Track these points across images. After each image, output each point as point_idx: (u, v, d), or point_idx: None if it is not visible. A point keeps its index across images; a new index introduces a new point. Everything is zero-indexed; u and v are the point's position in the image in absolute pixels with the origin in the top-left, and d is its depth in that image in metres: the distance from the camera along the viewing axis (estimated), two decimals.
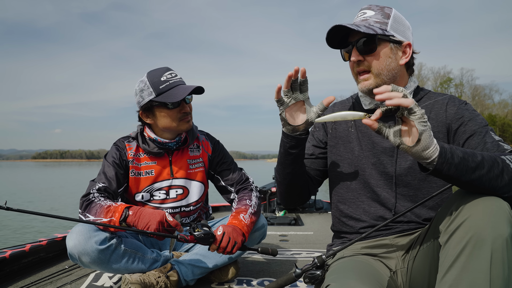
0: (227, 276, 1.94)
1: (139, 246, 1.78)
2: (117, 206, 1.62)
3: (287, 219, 4.28)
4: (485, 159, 1.02)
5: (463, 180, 1.02)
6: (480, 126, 1.26)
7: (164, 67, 1.88)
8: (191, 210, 2.02)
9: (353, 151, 1.44)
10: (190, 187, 2.00)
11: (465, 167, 1.00)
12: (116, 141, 1.96)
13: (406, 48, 1.34)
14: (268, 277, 2.06)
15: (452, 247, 0.99)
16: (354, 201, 1.42)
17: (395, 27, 1.32)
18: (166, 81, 1.81)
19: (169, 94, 1.79)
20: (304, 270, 1.30)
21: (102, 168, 1.87)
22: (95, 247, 1.59)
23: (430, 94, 1.43)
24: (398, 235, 1.35)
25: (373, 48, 1.30)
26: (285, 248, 2.84)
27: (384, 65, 1.31)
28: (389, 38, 1.31)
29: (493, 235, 0.94)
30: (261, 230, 1.95)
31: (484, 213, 0.97)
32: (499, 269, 0.93)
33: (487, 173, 1.01)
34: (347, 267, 1.24)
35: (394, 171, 1.36)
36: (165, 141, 1.91)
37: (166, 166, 1.95)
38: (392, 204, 1.36)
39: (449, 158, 0.99)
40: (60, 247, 2.49)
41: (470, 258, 0.95)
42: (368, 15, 1.34)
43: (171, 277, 1.77)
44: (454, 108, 1.33)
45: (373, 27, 1.30)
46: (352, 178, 1.43)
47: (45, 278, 2.06)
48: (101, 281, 1.98)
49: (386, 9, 1.35)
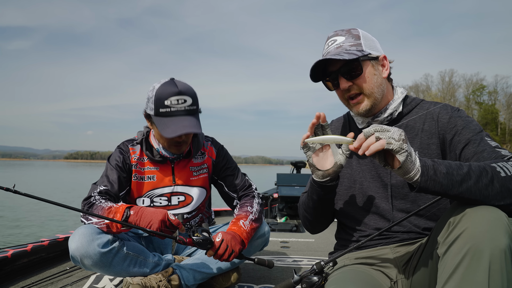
0: (228, 281, 1.94)
1: (141, 250, 1.78)
2: (118, 207, 1.62)
3: (289, 226, 4.27)
4: (472, 170, 1.04)
5: (452, 194, 1.03)
6: (474, 133, 1.26)
7: (176, 89, 1.74)
8: (193, 215, 2.02)
9: (352, 165, 1.47)
10: (192, 194, 1.99)
11: (451, 181, 1.02)
12: (120, 144, 1.96)
13: (383, 61, 1.38)
14: (269, 284, 2.06)
15: (450, 259, 0.99)
16: (354, 215, 1.45)
17: (368, 45, 1.35)
18: (168, 107, 1.73)
19: (163, 123, 1.73)
20: (302, 276, 1.30)
21: (105, 171, 1.87)
22: (98, 250, 1.58)
23: (423, 103, 1.43)
24: (398, 244, 1.36)
25: (359, 72, 1.33)
26: (286, 255, 2.83)
27: (373, 84, 1.34)
28: (368, 57, 1.33)
29: (491, 246, 0.93)
30: (264, 237, 1.95)
31: (481, 224, 0.97)
32: (498, 281, 0.93)
33: (475, 183, 1.02)
34: (347, 277, 1.24)
35: (390, 184, 1.38)
36: (166, 155, 1.91)
37: (168, 173, 1.95)
38: (390, 215, 1.37)
39: (431, 175, 1.02)
40: (62, 248, 2.49)
41: (468, 270, 0.95)
42: (339, 42, 1.35)
43: (172, 281, 1.76)
44: (447, 117, 1.34)
45: (351, 51, 1.32)
46: (352, 192, 1.46)
47: (46, 278, 2.07)
48: (102, 283, 1.98)
49: (352, 30, 1.37)
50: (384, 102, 1.39)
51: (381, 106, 1.39)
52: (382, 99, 1.38)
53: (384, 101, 1.39)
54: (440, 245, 1.05)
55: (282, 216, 4.97)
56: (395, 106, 1.38)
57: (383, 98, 1.38)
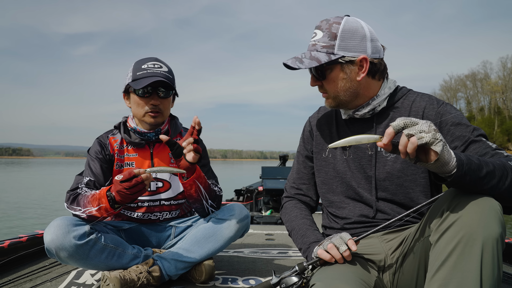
0: (201, 277, 1.87)
1: (119, 242, 1.75)
2: (99, 192, 1.62)
3: (274, 219, 4.27)
4: (496, 168, 1.03)
5: (477, 190, 1.02)
6: (469, 131, 1.24)
7: (152, 57, 1.88)
8: (172, 205, 1.99)
9: (336, 156, 1.47)
10: (171, 181, 1.97)
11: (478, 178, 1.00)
12: (99, 137, 1.94)
13: (362, 62, 1.33)
14: (254, 276, 2.04)
15: (443, 246, 0.99)
16: (340, 204, 1.46)
17: (343, 46, 1.31)
18: (145, 70, 1.82)
19: (139, 81, 1.79)
20: (281, 278, 1.28)
21: (87, 163, 1.87)
22: (73, 242, 1.55)
23: (410, 94, 1.42)
24: (385, 232, 1.37)
25: (323, 75, 1.36)
26: (271, 247, 2.82)
27: (338, 88, 1.35)
28: (337, 61, 1.32)
29: (484, 235, 0.94)
30: (244, 221, 1.91)
31: (476, 212, 0.97)
32: (490, 269, 0.93)
33: (498, 182, 1.02)
34: (334, 267, 1.23)
35: (374, 176, 1.38)
36: (144, 131, 1.90)
37: (147, 158, 1.94)
38: (374, 203, 1.38)
39: (466, 170, 0.98)
40: (41, 244, 2.43)
41: (460, 258, 0.96)
42: (317, 38, 1.35)
43: (153, 272, 1.73)
44: (433, 113, 1.33)
45: (318, 54, 1.32)
46: (337, 182, 1.47)
47: (24, 275, 2.01)
48: (82, 279, 1.94)
49: (334, 26, 1.32)
50: (363, 99, 1.39)
51: (358, 103, 1.40)
52: (357, 98, 1.38)
53: (362, 98, 1.39)
54: (433, 233, 1.06)
55: (267, 209, 4.97)
56: (379, 101, 1.38)
57: (360, 96, 1.38)
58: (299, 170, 1.62)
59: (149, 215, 1.95)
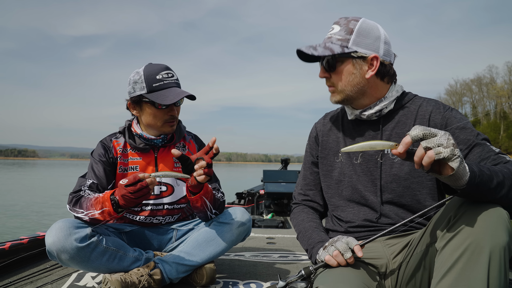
0: (202, 280, 1.87)
1: (121, 244, 1.75)
2: (103, 196, 1.61)
3: (275, 222, 4.26)
4: (506, 178, 1.03)
5: (486, 200, 1.02)
6: (474, 135, 1.25)
7: (163, 65, 1.85)
8: (175, 209, 1.99)
9: (342, 160, 1.48)
10: (175, 185, 1.98)
11: (489, 188, 0.99)
12: (103, 139, 1.95)
13: (372, 61, 1.34)
14: (255, 280, 2.04)
15: (450, 253, 0.99)
16: (344, 208, 1.46)
17: (358, 42, 1.33)
18: (161, 81, 1.80)
19: (160, 95, 1.78)
20: (287, 282, 1.27)
21: (90, 165, 1.87)
22: (75, 245, 1.55)
23: (416, 99, 1.42)
24: (388, 236, 1.36)
25: (333, 67, 1.36)
26: (272, 251, 2.81)
27: (346, 81, 1.36)
28: (350, 55, 1.33)
29: (492, 243, 0.93)
30: (246, 225, 1.91)
31: (483, 220, 0.97)
32: (497, 278, 0.93)
33: (507, 192, 1.02)
34: (337, 270, 1.23)
35: (380, 178, 1.38)
36: (151, 137, 1.90)
37: (151, 162, 1.94)
38: (379, 208, 1.38)
39: (478, 182, 0.97)
40: (42, 246, 2.43)
41: (467, 265, 0.95)
42: (333, 32, 1.38)
43: (154, 275, 1.73)
44: (439, 117, 1.33)
45: (332, 46, 1.34)
46: (342, 186, 1.47)
47: (25, 277, 2.01)
48: (83, 281, 1.94)
49: (351, 23, 1.36)
50: (370, 99, 1.39)
51: (364, 102, 1.40)
52: (364, 96, 1.38)
53: (369, 98, 1.39)
54: (439, 239, 1.05)
55: (268, 212, 4.96)
56: (386, 103, 1.38)
57: (366, 95, 1.38)
58: (305, 177, 1.62)
59: (152, 219, 1.95)
